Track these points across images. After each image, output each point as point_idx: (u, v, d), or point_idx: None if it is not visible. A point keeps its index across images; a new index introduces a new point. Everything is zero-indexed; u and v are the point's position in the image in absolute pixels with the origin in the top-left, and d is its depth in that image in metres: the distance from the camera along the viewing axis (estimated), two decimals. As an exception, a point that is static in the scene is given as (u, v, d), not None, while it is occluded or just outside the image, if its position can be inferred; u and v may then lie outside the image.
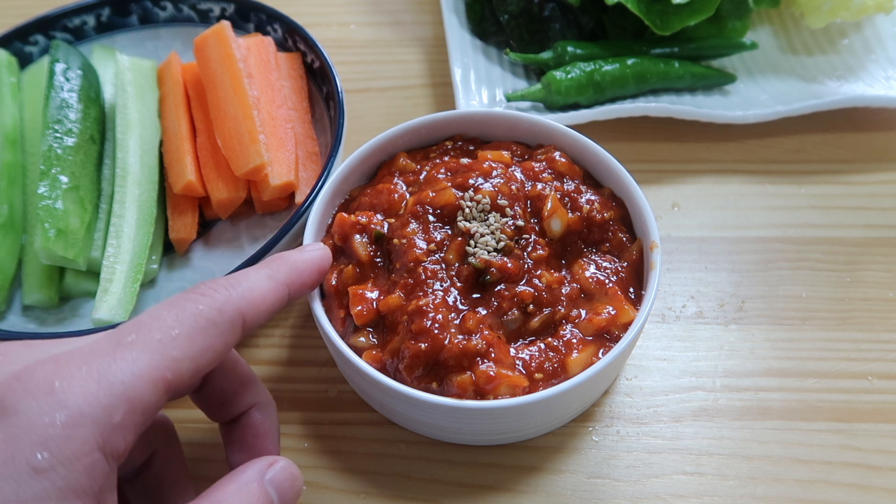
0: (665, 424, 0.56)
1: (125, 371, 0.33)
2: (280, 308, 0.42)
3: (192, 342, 0.36)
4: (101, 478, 0.31)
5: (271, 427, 0.46)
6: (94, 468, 0.31)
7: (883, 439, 0.55)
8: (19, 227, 0.63)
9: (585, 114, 0.70)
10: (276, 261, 0.44)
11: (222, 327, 0.37)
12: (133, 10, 0.77)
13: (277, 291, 0.42)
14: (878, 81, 0.75)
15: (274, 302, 0.41)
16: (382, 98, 0.80)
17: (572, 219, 0.55)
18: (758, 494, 0.53)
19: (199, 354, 0.36)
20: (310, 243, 0.52)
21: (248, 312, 0.39)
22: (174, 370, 0.34)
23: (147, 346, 0.34)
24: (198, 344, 0.36)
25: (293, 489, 0.40)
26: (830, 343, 0.60)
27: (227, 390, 0.44)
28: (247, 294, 0.39)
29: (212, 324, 0.37)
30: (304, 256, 0.46)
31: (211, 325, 0.37)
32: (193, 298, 0.37)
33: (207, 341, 0.36)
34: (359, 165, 0.60)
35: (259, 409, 0.45)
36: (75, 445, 0.31)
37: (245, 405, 0.45)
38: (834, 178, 0.72)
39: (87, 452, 0.31)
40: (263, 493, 0.38)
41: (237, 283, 0.40)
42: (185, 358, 0.35)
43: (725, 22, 0.77)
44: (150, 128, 0.67)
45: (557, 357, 0.50)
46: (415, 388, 0.48)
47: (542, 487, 0.53)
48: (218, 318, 0.37)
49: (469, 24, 0.80)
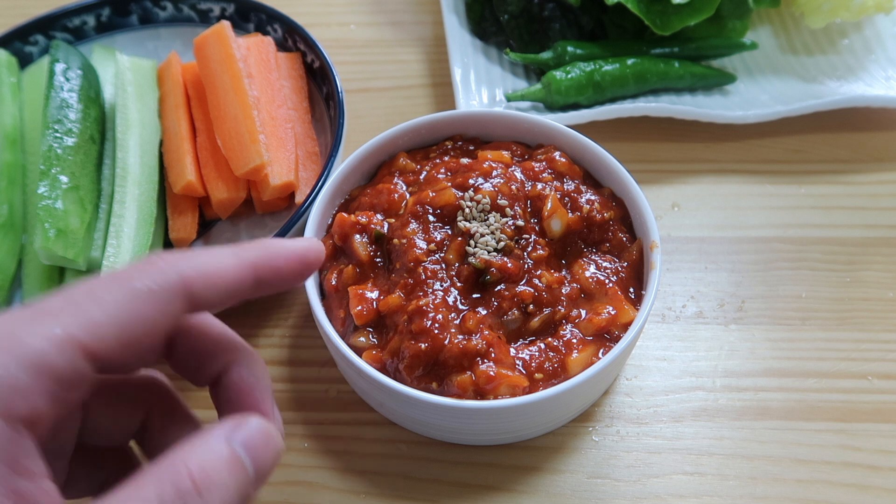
0: (665, 424, 0.56)
1: (34, 334, 0.32)
2: (242, 292, 0.39)
3: (120, 309, 0.34)
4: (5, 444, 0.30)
5: (255, 381, 0.41)
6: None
7: (883, 439, 0.55)
8: (19, 227, 0.63)
9: (585, 114, 0.70)
10: (251, 243, 0.41)
11: (159, 296, 0.35)
12: (133, 10, 0.77)
13: (240, 270, 0.38)
14: (878, 81, 0.75)
15: (234, 280, 0.38)
16: (382, 98, 0.80)
17: (572, 219, 0.55)
18: (758, 494, 0.53)
19: (129, 322, 0.34)
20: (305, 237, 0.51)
21: (197, 284, 0.36)
22: (94, 334, 0.33)
23: (66, 310, 0.33)
24: (126, 310, 0.34)
25: (269, 450, 0.36)
26: (830, 343, 0.60)
27: (198, 351, 0.41)
28: (199, 266, 0.36)
29: (146, 292, 0.34)
30: (284, 243, 0.42)
31: (145, 292, 0.34)
32: (134, 268, 0.36)
33: (139, 308, 0.34)
34: (359, 165, 0.60)
35: (238, 364, 0.41)
36: None
37: (222, 363, 0.41)
38: (834, 178, 0.72)
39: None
40: (231, 455, 0.34)
41: (191, 256, 0.37)
42: (108, 323, 0.33)
43: (725, 22, 0.77)
44: (150, 128, 0.67)
45: (557, 357, 0.50)
46: (415, 388, 0.48)
47: (542, 487, 0.53)
48: (155, 286, 0.35)
49: (469, 24, 0.80)
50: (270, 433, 0.36)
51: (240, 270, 0.38)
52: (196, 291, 0.36)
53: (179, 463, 0.33)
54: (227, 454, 0.34)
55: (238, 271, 0.38)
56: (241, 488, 0.34)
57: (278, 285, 0.41)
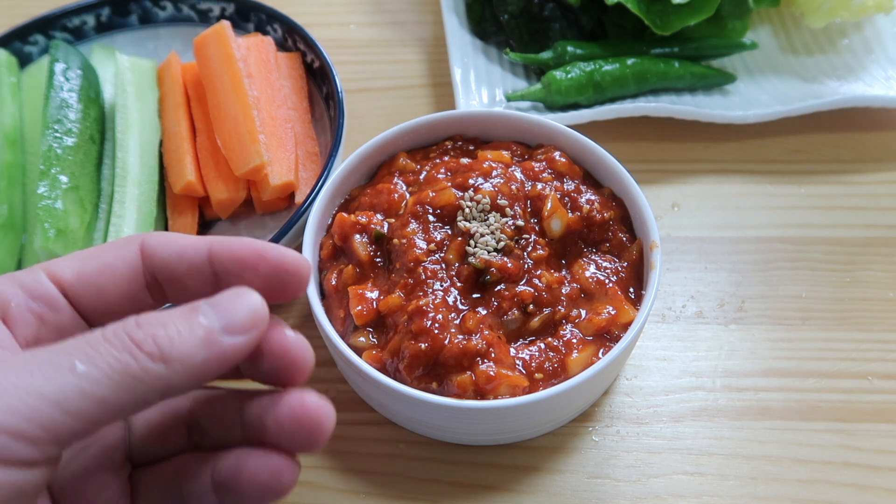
0: (665, 424, 0.56)
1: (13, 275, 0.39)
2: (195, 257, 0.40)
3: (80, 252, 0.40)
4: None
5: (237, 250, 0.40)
6: None
7: (883, 439, 0.55)
8: (19, 227, 0.63)
9: (585, 114, 0.70)
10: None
11: (114, 244, 0.40)
12: (133, 9, 0.77)
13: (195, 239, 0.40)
14: (878, 81, 0.75)
15: (186, 245, 0.40)
16: (382, 98, 0.80)
17: (572, 219, 0.55)
18: (758, 494, 0.53)
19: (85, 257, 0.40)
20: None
21: (151, 239, 0.40)
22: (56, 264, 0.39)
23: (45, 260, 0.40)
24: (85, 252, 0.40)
25: (243, 307, 0.35)
26: (830, 343, 0.60)
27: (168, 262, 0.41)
28: (161, 233, 0.41)
29: (107, 245, 0.40)
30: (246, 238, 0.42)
31: (105, 245, 0.40)
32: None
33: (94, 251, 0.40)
34: (359, 165, 0.60)
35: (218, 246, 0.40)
36: None
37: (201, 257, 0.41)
38: (834, 178, 0.72)
39: None
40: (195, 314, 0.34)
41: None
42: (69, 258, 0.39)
43: (725, 22, 0.77)
44: (150, 128, 0.67)
45: (557, 357, 0.50)
46: (415, 388, 0.48)
47: (542, 487, 0.53)
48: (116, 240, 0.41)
49: (469, 24, 0.80)
50: (240, 290, 0.36)
51: (195, 240, 0.40)
52: (148, 243, 0.40)
53: (132, 316, 0.34)
54: (183, 308, 0.35)
55: (193, 240, 0.40)
56: (201, 333, 0.33)
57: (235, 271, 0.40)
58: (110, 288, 0.39)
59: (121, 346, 0.32)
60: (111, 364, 0.32)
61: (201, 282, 0.40)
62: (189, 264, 0.40)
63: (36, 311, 0.38)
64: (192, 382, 0.33)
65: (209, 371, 0.34)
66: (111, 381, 0.31)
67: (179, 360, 0.33)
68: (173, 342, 0.33)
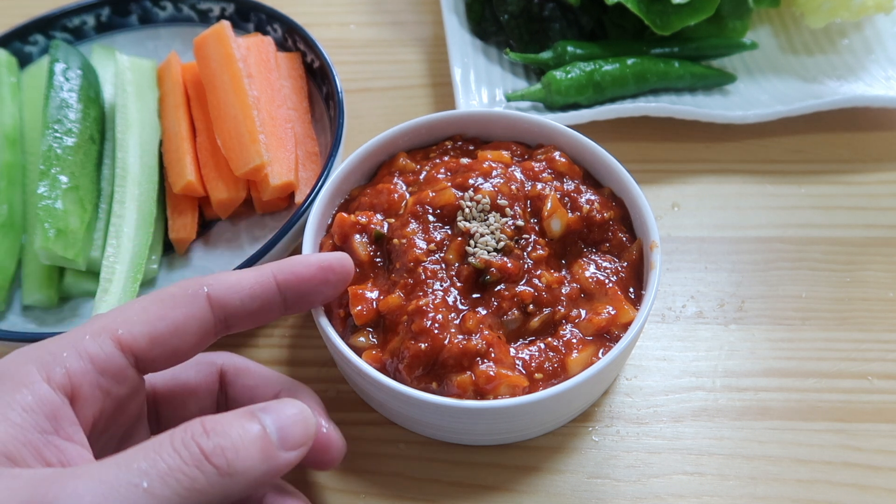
0: (665, 424, 0.56)
1: (79, 330, 0.39)
2: (267, 296, 0.44)
3: (145, 311, 0.40)
4: (49, 403, 0.36)
5: (305, 400, 0.45)
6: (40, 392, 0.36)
7: (883, 439, 0.55)
8: (19, 227, 0.63)
9: (585, 114, 0.70)
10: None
11: (181, 299, 0.41)
12: (133, 9, 0.77)
13: (258, 277, 0.44)
14: (878, 81, 0.75)
15: (253, 285, 0.43)
16: (382, 98, 0.80)
17: (572, 219, 0.55)
18: (758, 494, 0.53)
19: (154, 320, 0.40)
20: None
21: (216, 288, 0.42)
22: (125, 329, 0.39)
23: (106, 315, 0.40)
24: (152, 312, 0.40)
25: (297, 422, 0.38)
26: (830, 343, 0.60)
27: (246, 388, 0.47)
28: (217, 277, 0.43)
29: (170, 297, 0.41)
30: (307, 255, 0.47)
31: (169, 297, 0.41)
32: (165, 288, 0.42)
33: (163, 311, 0.40)
34: (359, 165, 0.60)
35: (286, 392, 0.46)
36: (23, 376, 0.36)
37: (271, 395, 0.46)
38: (834, 178, 0.72)
39: (33, 381, 0.36)
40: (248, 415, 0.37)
41: (211, 274, 0.43)
42: (137, 322, 0.39)
43: (725, 22, 0.77)
44: (150, 128, 0.67)
45: (557, 357, 0.50)
46: (415, 388, 0.48)
47: (542, 487, 0.53)
48: (177, 291, 0.41)
49: (469, 24, 0.80)
50: (303, 410, 0.39)
51: (259, 277, 0.43)
52: (217, 295, 0.42)
53: (198, 420, 0.36)
54: (249, 417, 0.36)
55: (257, 278, 0.43)
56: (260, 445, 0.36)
57: (307, 293, 0.46)
58: (183, 347, 0.41)
59: (190, 459, 0.34)
60: (180, 481, 0.33)
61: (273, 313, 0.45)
62: (262, 302, 0.43)
63: (104, 387, 0.39)
64: (246, 492, 0.35)
65: (264, 482, 0.36)
66: (180, 497, 0.33)
67: (242, 474, 0.35)
68: (238, 455, 0.35)
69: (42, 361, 0.37)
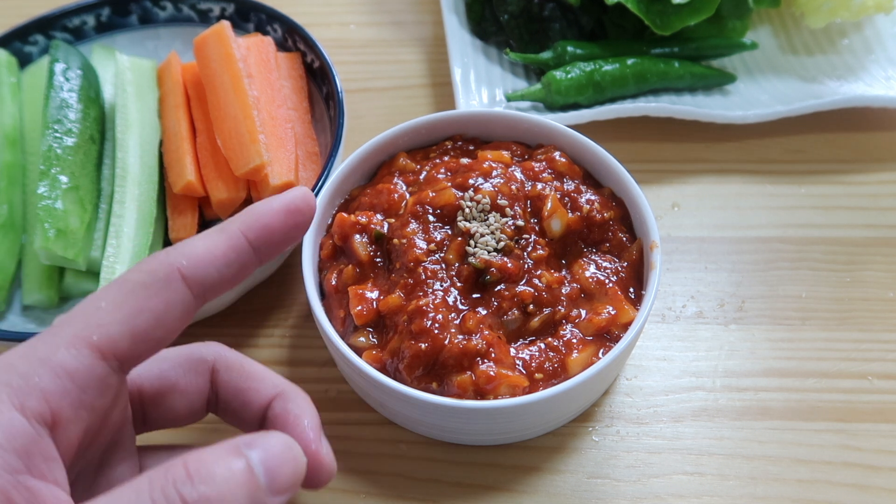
0: (665, 424, 0.56)
1: (47, 342, 0.34)
2: (242, 260, 0.39)
3: (120, 308, 0.36)
4: (20, 437, 0.32)
5: (299, 412, 0.42)
6: (11, 425, 0.32)
7: (883, 439, 0.55)
8: (19, 227, 0.63)
9: (585, 114, 0.70)
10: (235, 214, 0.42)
11: (155, 287, 0.36)
12: (133, 10, 0.77)
13: (229, 240, 0.39)
14: (878, 81, 0.75)
15: (227, 251, 0.39)
16: (382, 98, 0.80)
17: (572, 219, 0.55)
18: (758, 494, 0.53)
19: (131, 317, 0.35)
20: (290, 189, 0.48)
21: (189, 266, 0.37)
22: (102, 334, 0.35)
23: (72, 320, 0.35)
24: (127, 307, 0.36)
25: (285, 461, 0.34)
26: (830, 343, 0.60)
27: (239, 390, 0.43)
28: (186, 250, 0.38)
29: (141, 286, 0.36)
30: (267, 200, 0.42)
31: (140, 287, 0.36)
32: (126, 272, 0.37)
33: (139, 303, 0.36)
34: (359, 165, 0.60)
35: (280, 399, 0.43)
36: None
37: (264, 399, 0.43)
38: (834, 178, 0.72)
39: (1, 411, 0.32)
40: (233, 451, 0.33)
41: (178, 245, 0.39)
42: (113, 322, 0.35)
43: (725, 22, 0.77)
44: (150, 128, 0.67)
45: (557, 357, 0.50)
46: (415, 388, 0.48)
47: (542, 487, 0.53)
48: (148, 279, 0.36)
49: (469, 24, 0.80)
50: (290, 447, 0.35)
51: (230, 241, 0.39)
52: (191, 273, 0.37)
53: (179, 460, 0.32)
54: (234, 453, 0.33)
55: (228, 243, 0.39)
56: (246, 490, 0.32)
57: (279, 242, 0.41)
58: (166, 336, 0.37)
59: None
60: None
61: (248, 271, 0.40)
62: (238, 266, 0.39)
63: (87, 403, 0.34)
64: None
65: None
66: None
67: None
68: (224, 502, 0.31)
69: (12, 387, 0.32)
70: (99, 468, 0.40)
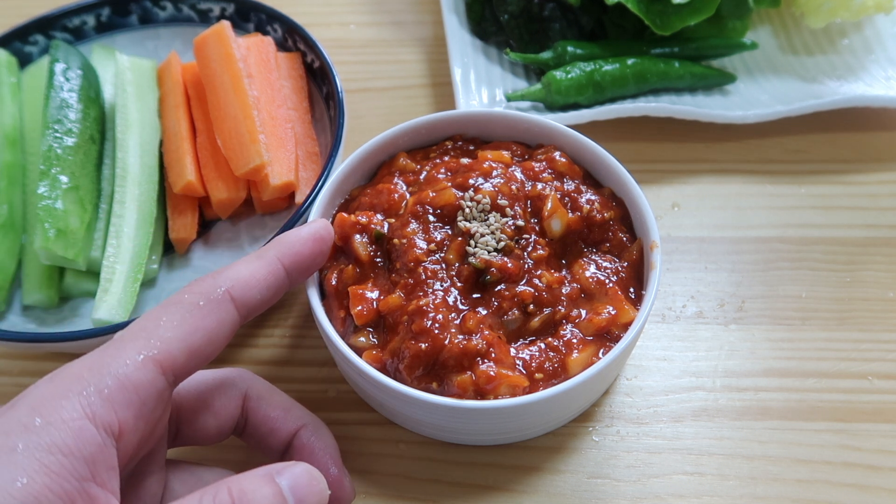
0: (665, 424, 0.56)
1: (114, 356, 0.37)
2: (279, 283, 0.45)
3: (178, 326, 0.39)
4: (90, 445, 0.34)
5: (322, 445, 0.46)
6: (82, 433, 0.34)
7: (883, 439, 0.55)
8: (19, 227, 0.63)
9: (585, 114, 0.70)
10: (269, 243, 0.47)
11: (208, 307, 0.40)
12: (133, 10, 0.77)
13: (268, 266, 0.44)
14: (878, 81, 0.75)
15: (267, 276, 0.44)
16: (382, 98, 0.80)
17: (572, 219, 0.55)
18: (758, 494, 0.53)
19: (189, 334, 0.39)
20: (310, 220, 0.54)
21: (237, 289, 0.42)
22: (163, 350, 0.38)
23: (136, 336, 0.38)
24: (186, 326, 0.39)
25: (312, 491, 0.38)
26: (830, 343, 0.60)
27: (267, 418, 0.46)
28: (232, 275, 0.42)
29: (196, 307, 0.40)
30: (296, 231, 0.48)
31: (195, 307, 0.40)
32: (179, 293, 0.41)
33: (195, 322, 0.39)
34: (359, 165, 0.60)
35: (306, 430, 0.47)
36: (64, 412, 0.34)
37: (291, 428, 0.46)
38: (834, 178, 0.72)
39: (75, 419, 0.34)
40: (269, 480, 0.37)
41: (223, 270, 0.43)
42: (173, 339, 0.38)
43: (725, 22, 0.77)
44: (150, 128, 0.67)
45: (557, 357, 0.50)
46: (415, 388, 0.48)
47: (542, 487, 0.53)
48: (202, 300, 0.40)
49: (469, 24, 0.80)
50: (316, 477, 0.39)
51: (268, 267, 0.44)
52: (239, 296, 0.42)
53: (223, 484, 0.36)
54: (268, 481, 0.37)
55: (267, 268, 0.44)
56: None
57: (308, 267, 0.47)
58: (214, 353, 0.41)
59: None
60: None
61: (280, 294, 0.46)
62: (275, 290, 0.44)
63: (146, 415, 0.37)
64: None
65: None
66: None
67: None
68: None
69: (85, 395, 0.35)
70: (129, 478, 0.42)
